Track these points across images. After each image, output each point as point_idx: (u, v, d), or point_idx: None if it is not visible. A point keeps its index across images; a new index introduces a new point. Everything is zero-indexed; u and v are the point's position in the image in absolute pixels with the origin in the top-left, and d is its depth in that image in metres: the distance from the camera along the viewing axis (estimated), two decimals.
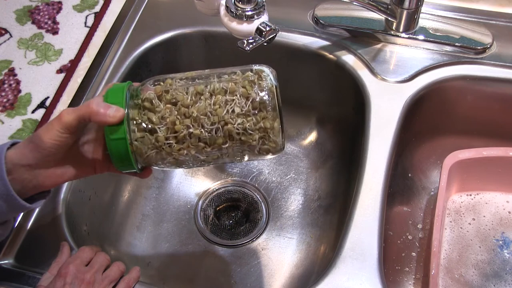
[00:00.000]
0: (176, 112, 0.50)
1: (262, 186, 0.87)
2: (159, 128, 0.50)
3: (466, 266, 0.75)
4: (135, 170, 0.53)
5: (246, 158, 0.54)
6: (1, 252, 0.62)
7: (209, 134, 0.50)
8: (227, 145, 0.51)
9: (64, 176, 0.53)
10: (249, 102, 0.50)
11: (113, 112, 0.49)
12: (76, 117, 0.48)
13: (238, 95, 0.50)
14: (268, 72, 0.52)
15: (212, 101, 0.50)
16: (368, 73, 0.76)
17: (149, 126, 0.50)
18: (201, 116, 0.50)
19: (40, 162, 0.50)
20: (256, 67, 0.53)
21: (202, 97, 0.51)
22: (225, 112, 0.50)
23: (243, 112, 0.50)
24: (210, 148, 0.51)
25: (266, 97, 0.50)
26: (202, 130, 0.50)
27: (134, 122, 0.50)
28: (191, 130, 0.50)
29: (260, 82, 0.51)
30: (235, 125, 0.50)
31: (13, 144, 0.52)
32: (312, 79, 0.85)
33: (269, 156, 0.54)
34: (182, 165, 0.53)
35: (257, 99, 0.50)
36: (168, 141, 0.50)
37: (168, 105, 0.50)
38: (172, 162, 0.52)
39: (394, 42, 0.79)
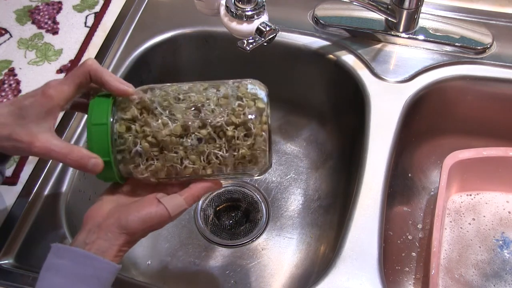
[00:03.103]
0: (157, 152, 0.50)
1: (262, 186, 0.87)
2: (140, 163, 0.50)
3: (466, 266, 0.74)
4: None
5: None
6: (1, 252, 0.62)
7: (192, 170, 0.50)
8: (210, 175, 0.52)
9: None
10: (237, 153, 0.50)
11: (92, 167, 0.50)
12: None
13: (224, 141, 0.49)
14: (261, 103, 0.50)
15: (197, 150, 0.49)
16: (368, 73, 0.76)
17: (130, 163, 0.50)
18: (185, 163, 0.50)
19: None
20: (249, 88, 0.51)
21: (188, 134, 0.49)
22: (213, 159, 0.50)
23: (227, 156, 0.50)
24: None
25: (259, 149, 0.50)
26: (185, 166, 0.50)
27: (120, 145, 0.50)
28: (173, 168, 0.50)
29: (252, 120, 0.49)
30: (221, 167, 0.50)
31: None
32: (312, 79, 0.85)
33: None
34: None
35: (246, 147, 0.50)
36: (148, 172, 0.51)
37: (148, 146, 0.49)
38: None
39: (394, 42, 0.79)
